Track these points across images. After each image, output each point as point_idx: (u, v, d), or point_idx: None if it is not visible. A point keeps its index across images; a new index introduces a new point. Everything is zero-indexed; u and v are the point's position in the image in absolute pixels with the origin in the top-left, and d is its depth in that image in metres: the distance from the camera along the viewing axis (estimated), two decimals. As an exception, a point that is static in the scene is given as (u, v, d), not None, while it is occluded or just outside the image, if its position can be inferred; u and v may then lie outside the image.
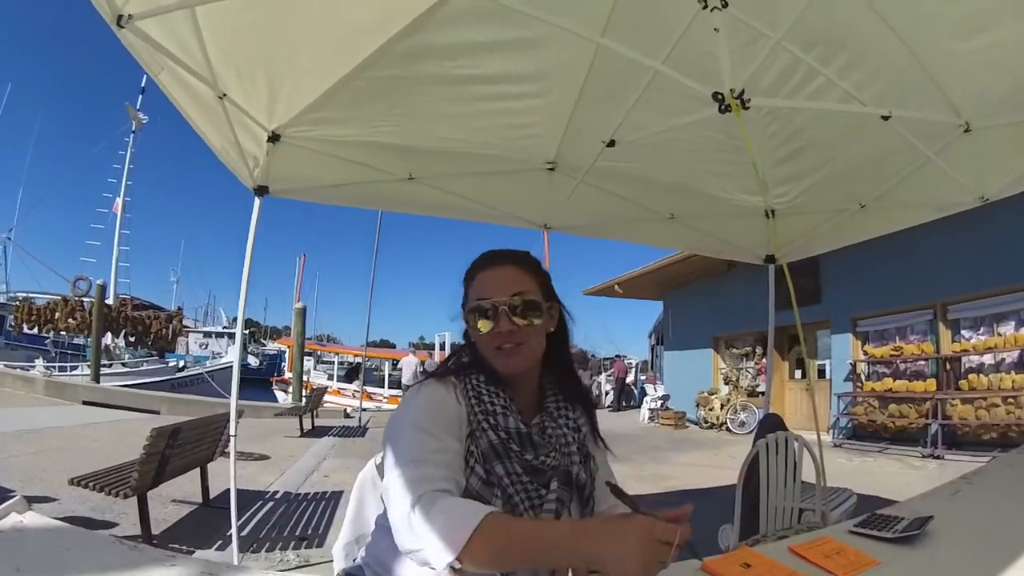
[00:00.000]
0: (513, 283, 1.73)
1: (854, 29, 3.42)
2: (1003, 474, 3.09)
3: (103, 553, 1.44)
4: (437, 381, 1.71)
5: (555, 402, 1.84)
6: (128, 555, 1.43)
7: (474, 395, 1.68)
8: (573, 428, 1.79)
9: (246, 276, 4.75)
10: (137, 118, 44.64)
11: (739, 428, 17.61)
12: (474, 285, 1.77)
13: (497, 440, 1.61)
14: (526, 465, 1.62)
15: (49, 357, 34.08)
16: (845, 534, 1.98)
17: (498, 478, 1.58)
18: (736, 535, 4.40)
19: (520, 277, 1.76)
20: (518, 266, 1.80)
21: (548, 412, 1.81)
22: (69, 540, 1.49)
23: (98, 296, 25.41)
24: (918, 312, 13.57)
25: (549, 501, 1.62)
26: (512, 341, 1.69)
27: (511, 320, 1.68)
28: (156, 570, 1.36)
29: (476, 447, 1.60)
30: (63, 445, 10.65)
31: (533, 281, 1.78)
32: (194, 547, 5.76)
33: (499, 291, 1.70)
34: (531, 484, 1.62)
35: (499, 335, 1.68)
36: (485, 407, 1.66)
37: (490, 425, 1.63)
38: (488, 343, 1.71)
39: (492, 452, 1.59)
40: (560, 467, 1.68)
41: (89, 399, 18.99)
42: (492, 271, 1.77)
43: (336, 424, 18.18)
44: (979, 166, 4.37)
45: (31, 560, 1.37)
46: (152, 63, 3.24)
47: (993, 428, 11.56)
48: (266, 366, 53.32)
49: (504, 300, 1.68)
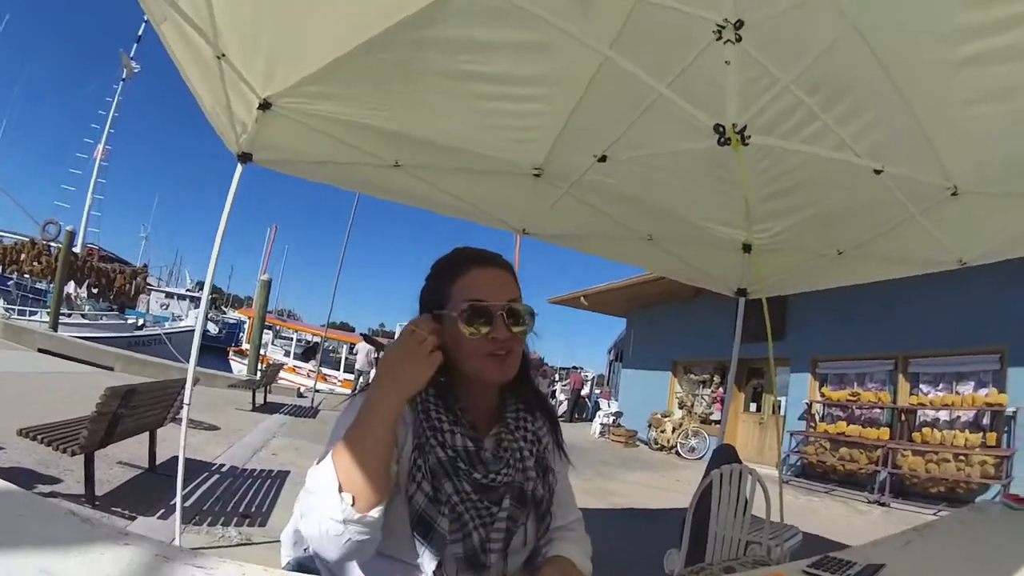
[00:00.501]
0: (509, 288, 1.68)
1: (859, 80, 3.42)
2: (954, 529, 3.13)
3: (56, 524, 1.41)
4: None
5: (515, 413, 1.78)
6: (81, 528, 1.40)
7: (422, 409, 1.62)
8: (532, 440, 1.74)
9: (218, 242, 4.69)
10: (129, 66, 44.31)
11: (688, 453, 17.76)
12: (464, 283, 1.67)
13: (445, 457, 1.56)
14: (475, 484, 1.57)
15: (10, 299, 33.73)
16: (798, 573, 1.99)
17: (447, 496, 1.54)
18: (682, 561, 4.41)
19: (513, 284, 1.71)
20: (508, 271, 1.74)
21: (506, 424, 1.75)
22: (22, 506, 1.45)
23: (66, 243, 25.09)
24: (879, 361, 13.78)
25: (500, 519, 1.58)
26: (507, 348, 1.63)
27: (507, 327, 1.61)
28: (110, 548, 1.33)
29: (424, 462, 1.55)
30: (15, 392, 10.51)
31: (519, 291, 1.72)
32: (136, 513, 5.69)
33: (497, 294, 1.64)
34: (481, 502, 1.57)
35: (494, 341, 1.60)
36: (432, 423, 1.60)
37: (438, 442, 1.57)
38: (481, 347, 1.61)
39: (440, 469, 1.55)
40: (513, 483, 1.64)
41: (45, 347, 18.78)
42: (489, 272, 1.70)
43: (288, 402, 18.12)
44: (962, 230, 4.42)
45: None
46: (156, 11, 3.19)
47: (942, 482, 11.75)
48: (225, 334, 52.86)
49: (503, 305, 1.62)
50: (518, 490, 1.64)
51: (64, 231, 26.69)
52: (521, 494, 1.64)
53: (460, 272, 1.69)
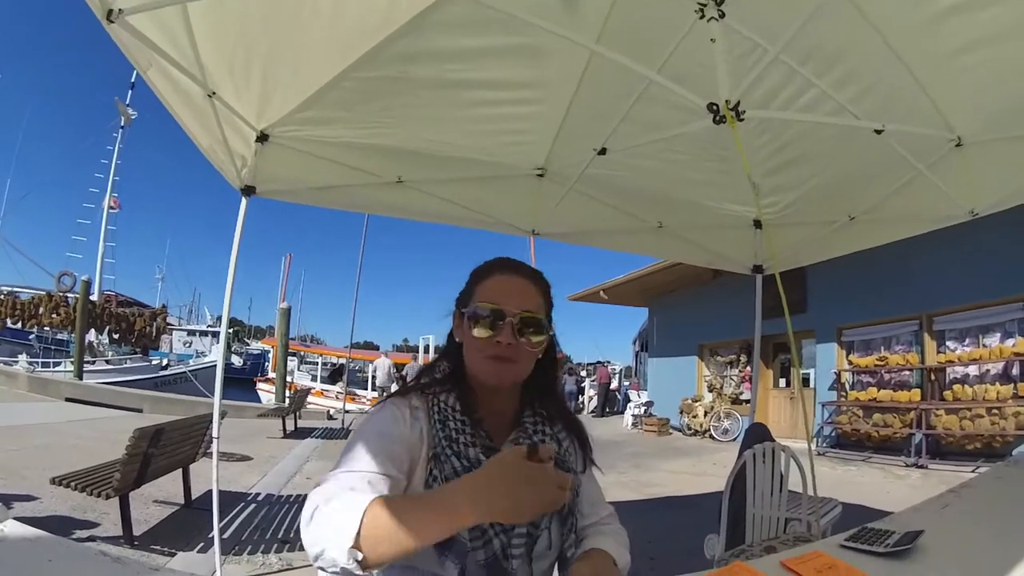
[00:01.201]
0: (525, 298, 1.68)
1: (849, 43, 3.41)
2: (991, 487, 3.10)
3: (86, 565, 1.41)
4: (392, 404, 1.66)
5: (532, 418, 1.78)
6: (111, 567, 1.40)
7: (439, 419, 1.62)
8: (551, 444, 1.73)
9: (231, 276, 4.70)
10: (126, 114, 44.48)
11: (722, 435, 17.67)
12: (485, 286, 1.71)
13: (460, 468, 1.55)
14: None
15: (32, 352, 34.01)
16: (836, 548, 1.97)
17: None
18: (722, 545, 4.39)
19: (533, 295, 1.72)
20: (534, 283, 1.74)
21: (523, 428, 1.75)
22: (51, 551, 1.45)
23: (83, 292, 25.27)
24: (903, 323, 13.64)
25: (520, 525, 1.56)
26: (508, 355, 1.62)
27: (514, 334, 1.62)
28: (139, 583, 1.33)
29: (440, 472, 1.55)
30: (45, 442, 10.59)
31: (542, 304, 1.74)
32: (176, 549, 5.71)
33: (510, 301, 1.64)
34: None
35: (497, 344, 1.61)
36: (449, 432, 1.60)
37: (453, 452, 1.57)
38: (483, 349, 1.64)
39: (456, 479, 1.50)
40: None
41: (72, 396, 18.89)
42: (508, 278, 1.72)
43: (319, 426, 18.11)
44: (970, 180, 4.37)
45: (10, 573, 1.33)
46: (141, 59, 3.19)
47: (977, 438, 11.61)
48: (250, 366, 53.17)
49: (514, 312, 1.62)
50: None
51: (80, 281, 26.83)
52: None
53: (484, 276, 1.74)
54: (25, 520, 1.53)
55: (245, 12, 3.21)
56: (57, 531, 1.57)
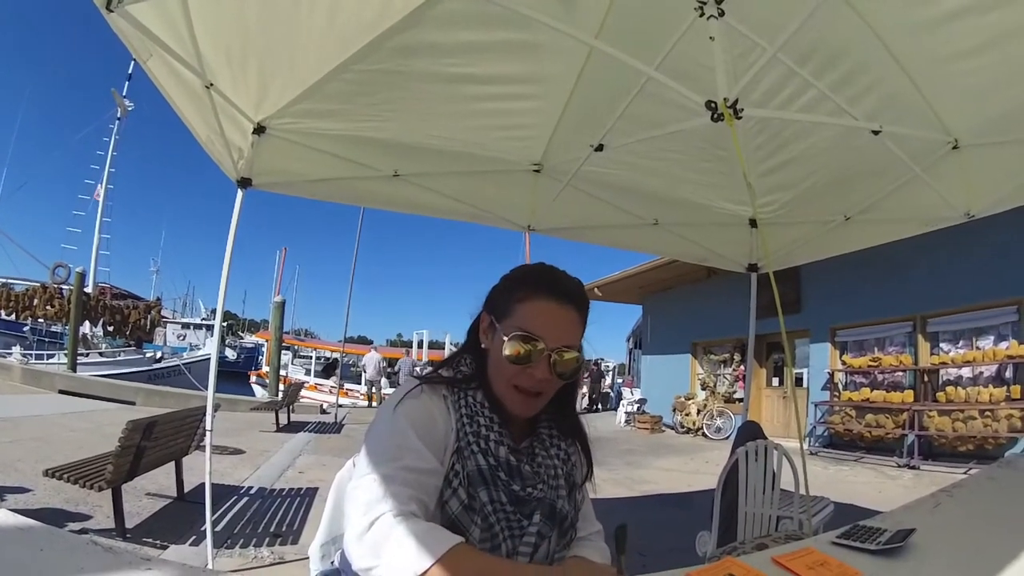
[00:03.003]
0: (569, 331, 1.60)
1: (848, 44, 3.43)
2: (983, 487, 3.10)
3: (78, 555, 1.40)
4: (429, 391, 1.60)
5: (548, 429, 1.75)
6: (103, 557, 1.40)
7: (467, 413, 1.59)
8: (563, 459, 1.72)
9: (226, 269, 4.71)
10: (123, 105, 44.24)
11: (715, 434, 17.67)
12: (528, 308, 1.60)
13: (486, 466, 1.53)
14: (511, 495, 1.55)
15: (26, 344, 33.87)
16: (828, 545, 1.97)
17: (481, 504, 1.51)
18: (714, 542, 4.40)
19: (576, 327, 1.64)
20: (580, 312, 1.65)
21: (539, 437, 1.72)
22: (43, 540, 1.44)
23: (77, 284, 25.16)
24: (897, 324, 13.67)
25: (529, 533, 1.56)
26: (539, 389, 1.58)
27: (550, 369, 1.55)
28: (131, 574, 1.33)
29: (463, 468, 1.52)
30: (39, 435, 10.54)
31: (582, 330, 1.66)
32: (168, 542, 5.69)
33: (553, 335, 1.56)
34: (514, 514, 1.55)
35: (530, 377, 1.56)
36: (478, 428, 1.57)
37: (480, 449, 1.54)
38: (512, 377, 1.57)
39: (479, 477, 1.52)
40: (545, 499, 1.61)
41: (65, 388, 18.82)
42: (554, 306, 1.60)
43: (312, 420, 18.11)
44: (966, 183, 4.40)
45: (3, 562, 1.32)
46: (141, 49, 3.20)
47: (969, 440, 11.63)
48: (243, 359, 53.02)
49: (555, 347, 1.55)
50: (549, 506, 1.61)
51: (74, 273, 26.72)
52: (552, 510, 1.61)
53: (530, 294, 1.62)
54: (18, 512, 1.52)
55: (243, 3, 3.21)
56: (50, 523, 1.56)
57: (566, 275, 1.70)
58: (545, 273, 1.70)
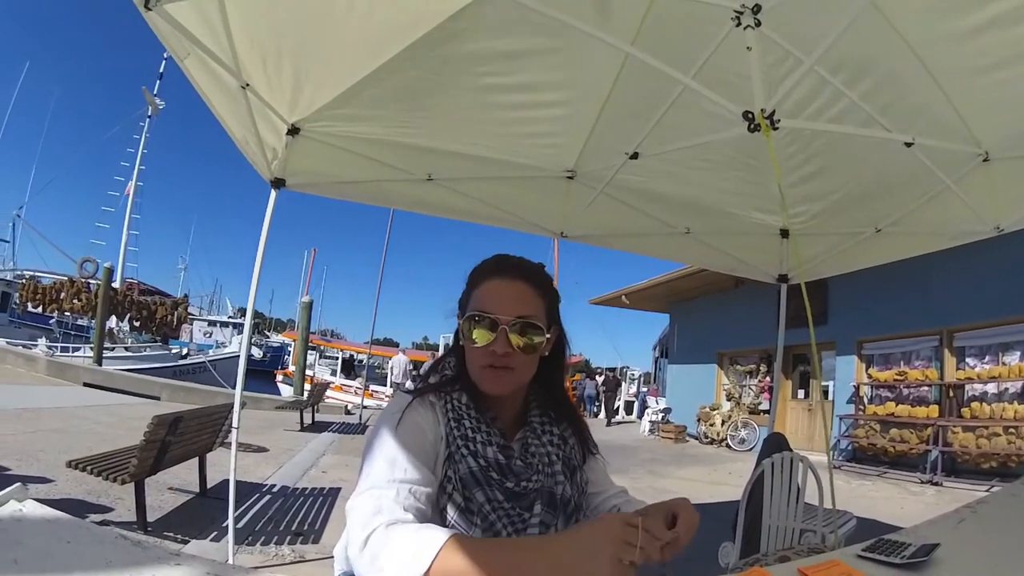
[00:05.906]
0: (520, 303, 1.63)
1: (881, 56, 3.42)
2: (1007, 504, 3.08)
3: (105, 548, 1.39)
4: (417, 402, 1.62)
5: (539, 417, 1.78)
6: (131, 551, 1.38)
7: (454, 417, 1.61)
8: (558, 444, 1.74)
9: (258, 268, 4.75)
10: (154, 103, 44.59)
11: (739, 445, 17.59)
12: (479, 291, 1.66)
13: (476, 468, 1.55)
14: (507, 492, 1.56)
15: (52, 337, 34.19)
16: (853, 558, 1.97)
17: (479, 505, 1.53)
18: (737, 554, 4.39)
19: (529, 297, 1.66)
20: (529, 284, 1.68)
21: (531, 427, 1.75)
22: (70, 532, 1.44)
23: (104, 279, 25.42)
24: (924, 338, 13.56)
25: (532, 525, 1.56)
26: (504, 363, 1.59)
27: (509, 342, 1.58)
28: (160, 569, 1.33)
29: (455, 472, 1.54)
30: (62, 426, 10.67)
31: (541, 303, 1.68)
32: (189, 537, 5.75)
33: (504, 308, 1.60)
34: (513, 509, 1.56)
35: (492, 354, 1.58)
36: (465, 432, 1.59)
37: (469, 451, 1.57)
38: (479, 358, 1.62)
39: (472, 479, 1.54)
40: (543, 488, 1.62)
41: (90, 381, 19.00)
42: (501, 283, 1.66)
43: (336, 420, 18.26)
44: (996, 196, 4.36)
45: (30, 552, 1.32)
46: (179, 48, 3.23)
47: (993, 457, 11.52)
48: (269, 358, 53.39)
49: (507, 319, 1.58)
50: (548, 494, 1.62)
51: (102, 267, 27.01)
52: (551, 498, 1.62)
53: (479, 281, 1.69)
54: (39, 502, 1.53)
55: (277, 4, 3.24)
56: (71, 514, 1.56)
57: (515, 256, 1.77)
58: (492, 259, 1.76)
